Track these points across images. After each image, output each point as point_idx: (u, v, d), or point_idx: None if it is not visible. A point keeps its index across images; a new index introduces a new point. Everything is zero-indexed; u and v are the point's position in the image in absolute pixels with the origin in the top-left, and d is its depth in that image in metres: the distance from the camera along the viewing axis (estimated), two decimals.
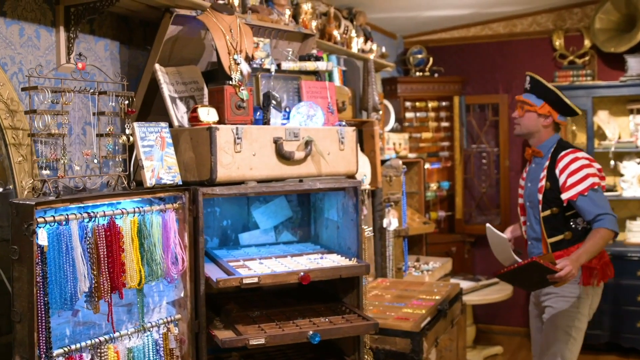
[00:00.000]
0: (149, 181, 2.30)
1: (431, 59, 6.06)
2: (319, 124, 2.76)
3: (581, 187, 3.11)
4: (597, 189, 3.12)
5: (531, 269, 2.95)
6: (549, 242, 3.25)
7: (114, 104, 2.32)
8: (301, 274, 2.44)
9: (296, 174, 2.62)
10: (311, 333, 2.41)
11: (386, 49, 5.24)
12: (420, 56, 6.08)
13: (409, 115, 5.89)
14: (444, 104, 6.04)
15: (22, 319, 1.88)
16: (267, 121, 2.69)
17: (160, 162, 2.35)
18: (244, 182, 2.48)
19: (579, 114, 3.35)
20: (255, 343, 2.34)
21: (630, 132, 5.60)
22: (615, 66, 5.65)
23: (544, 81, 3.31)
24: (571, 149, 3.26)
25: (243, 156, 2.44)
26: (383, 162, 4.32)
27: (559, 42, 5.87)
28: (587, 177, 3.12)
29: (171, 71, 2.60)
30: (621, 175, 5.57)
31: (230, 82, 2.50)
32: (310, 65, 2.96)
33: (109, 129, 2.33)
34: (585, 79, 5.66)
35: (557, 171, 3.20)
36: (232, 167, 2.40)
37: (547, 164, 3.27)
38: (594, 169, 3.18)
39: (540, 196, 3.26)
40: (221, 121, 2.48)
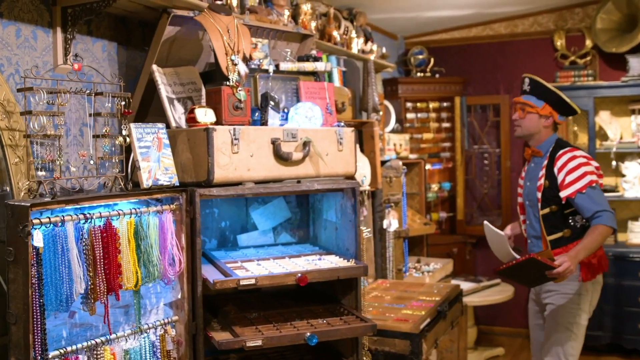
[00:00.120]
0: (146, 182, 2.30)
1: (432, 60, 6.05)
2: (317, 124, 2.75)
3: (579, 185, 3.15)
4: (594, 186, 3.16)
5: (529, 266, 2.97)
6: (548, 239, 3.28)
7: (110, 105, 2.31)
8: (299, 275, 2.44)
9: (294, 174, 2.61)
10: (309, 335, 2.41)
11: (387, 50, 5.23)
12: (421, 57, 6.07)
13: (410, 116, 5.88)
14: (445, 104, 6.03)
15: (18, 321, 1.88)
16: (265, 122, 2.68)
17: (157, 163, 2.34)
18: (241, 183, 2.47)
19: (578, 112, 3.40)
20: (252, 345, 2.33)
21: (632, 132, 5.57)
22: (616, 66, 5.63)
23: (544, 82, 3.34)
24: (569, 148, 3.30)
25: (240, 157, 2.43)
26: (383, 163, 4.31)
27: (560, 43, 5.85)
28: (585, 175, 3.16)
29: (169, 72, 2.60)
30: (623, 175, 5.54)
31: (228, 83, 2.49)
32: (309, 66, 2.96)
33: (106, 130, 2.33)
34: (587, 79, 5.64)
35: (556, 170, 3.24)
36: (229, 168, 2.40)
37: (545, 162, 3.31)
38: (591, 167, 3.22)
39: (539, 194, 3.29)
40: (219, 122, 2.47)
